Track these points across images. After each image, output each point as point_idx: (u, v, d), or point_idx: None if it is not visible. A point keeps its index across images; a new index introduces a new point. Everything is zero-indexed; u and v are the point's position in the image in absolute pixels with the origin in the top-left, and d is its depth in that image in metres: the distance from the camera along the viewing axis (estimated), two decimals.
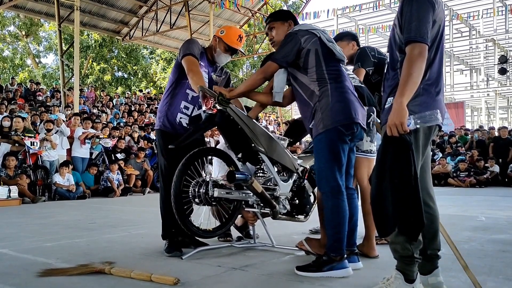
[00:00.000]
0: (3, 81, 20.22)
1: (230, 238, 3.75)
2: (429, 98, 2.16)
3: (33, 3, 16.62)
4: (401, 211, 2.05)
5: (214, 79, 3.54)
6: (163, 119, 3.44)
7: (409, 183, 2.02)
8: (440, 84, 2.23)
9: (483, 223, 4.88)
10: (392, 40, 2.28)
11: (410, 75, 2.04)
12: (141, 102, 18.03)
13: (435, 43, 2.19)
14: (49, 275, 2.69)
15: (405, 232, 2.10)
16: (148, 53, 31.09)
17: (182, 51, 3.32)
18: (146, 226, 4.89)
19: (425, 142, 2.18)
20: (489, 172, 12.29)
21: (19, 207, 7.45)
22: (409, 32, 2.10)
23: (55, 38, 26.64)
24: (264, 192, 3.01)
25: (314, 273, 2.64)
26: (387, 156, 2.08)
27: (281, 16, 3.07)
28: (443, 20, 2.25)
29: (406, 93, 2.04)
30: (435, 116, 2.15)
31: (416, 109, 2.12)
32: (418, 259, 2.17)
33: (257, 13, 20.27)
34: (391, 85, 2.23)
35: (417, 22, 2.09)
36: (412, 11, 2.12)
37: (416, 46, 2.07)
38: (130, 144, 11.70)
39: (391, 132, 2.04)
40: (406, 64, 2.07)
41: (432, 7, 2.13)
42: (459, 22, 26.12)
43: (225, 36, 3.44)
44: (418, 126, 2.13)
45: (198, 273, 2.72)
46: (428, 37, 2.09)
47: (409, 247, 2.13)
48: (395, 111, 2.03)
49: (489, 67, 31.46)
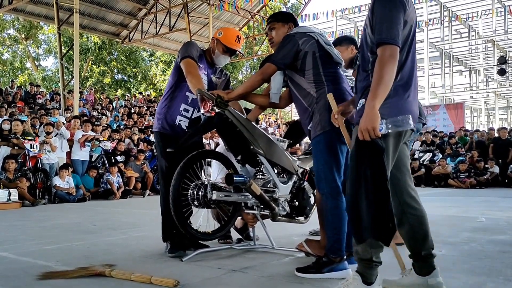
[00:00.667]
0: (2, 84, 20.21)
1: (230, 240, 3.75)
2: (400, 100, 2.13)
3: (32, 6, 16.64)
4: (375, 216, 2.04)
5: (213, 81, 3.54)
6: (162, 121, 3.43)
7: (383, 187, 2.01)
8: (412, 86, 2.19)
9: (483, 224, 4.88)
10: (363, 41, 2.25)
11: (382, 78, 2.01)
12: (140, 104, 18.05)
13: (407, 44, 2.17)
14: (49, 278, 2.69)
15: (379, 237, 2.07)
16: (147, 55, 31.13)
17: (181, 53, 3.32)
18: (146, 229, 4.89)
19: (395, 147, 2.16)
20: (489, 173, 12.29)
21: (19, 210, 7.44)
22: (380, 34, 2.07)
23: (54, 41, 26.65)
24: (263, 194, 3.01)
25: (314, 275, 2.64)
26: (360, 161, 2.07)
27: (282, 18, 3.08)
28: (415, 21, 2.23)
29: (378, 96, 2.00)
30: (407, 121, 2.12)
31: (388, 112, 2.08)
32: (378, 263, 2.15)
33: (256, 15, 20.30)
34: (363, 86, 2.20)
35: (388, 23, 2.06)
36: (383, 11, 2.08)
37: (388, 48, 2.04)
38: (130, 146, 11.70)
39: (363, 136, 2.02)
40: (378, 67, 2.04)
41: (403, 8, 2.10)
42: (458, 23, 26.16)
43: (223, 38, 3.43)
44: (390, 131, 2.09)
45: (198, 275, 2.72)
46: (399, 38, 2.07)
47: (368, 250, 2.11)
48: (367, 116, 2.00)
49: (489, 68, 31.51)
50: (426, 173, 12.95)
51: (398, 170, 2.24)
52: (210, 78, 3.52)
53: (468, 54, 31.36)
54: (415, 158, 13.29)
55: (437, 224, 4.87)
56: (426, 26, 23.65)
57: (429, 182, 12.75)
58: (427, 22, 23.35)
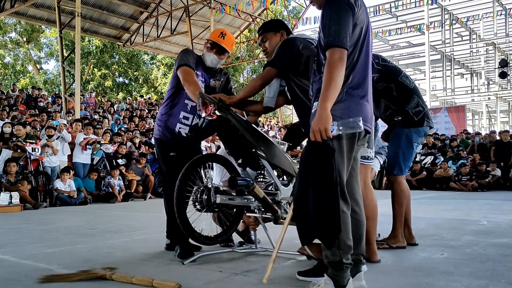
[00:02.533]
0: (4, 87, 20.27)
1: (231, 243, 3.75)
2: (352, 102, 2.15)
3: (34, 10, 16.72)
4: (320, 217, 2.05)
5: (212, 85, 3.56)
6: (162, 128, 3.49)
7: (330, 189, 2.02)
8: (365, 88, 2.21)
9: (485, 227, 4.86)
10: (318, 44, 2.27)
11: (332, 80, 2.03)
12: (142, 107, 18.07)
13: (358, 46, 2.18)
14: (50, 281, 2.69)
15: (322, 238, 2.08)
16: (149, 58, 31.22)
17: (177, 62, 3.38)
18: (147, 232, 4.89)
19: (350, 148, 2.17)
20: (491, 175, 12.28)
21: (21, 213, 7.44)
22: (328, 37, 2.09)
23: (56, 44, 26.73)
24: (266, 197, 3.01)
25: (316, 278, 2.64)
26: (310, 161, 2.08)
27: (273, 27, 3.13)
28: (367, 23, 2.24)
29: (329, 98, 2.03)
30: (357, 123, 2.13)
31: (339, 114, 2.11)
32: (348, 265, 2.14)
33: (258, 18, 20.34)
34: (317, 89, 2.21)
35: (336, 26, 2.08)
36: (331, 15, 2.11)
37: (336, 51, 2.06)
38: (131, 149, 11.71)
39: (314, 137, 2.03)
40: (327, 69, 2.06)
41: (351, 10, 2.12)
42: (459, 26, 26.17)
43: (210, 36, 3.57)
44: (341, 132, 2.11)
45: (200, 279, 2.71)
46: (347, 41, 2.08)
47: (337, 253, 2.10)
48: (319, 117, 2.02)
49: (490, 71, 31.51)
50: (428, 176, 12.94)
51: (348, 173, 2.25)
52: (208, 83, 3.54)
53: (469, 57, 31.35)
54: (417, 161, 13.28)
55: (439, 227, 4.86)
56: (427, 29, 23.63)
57: (431, 185, 12.74)
58: (428, 25, 23.34)
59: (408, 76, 3.78)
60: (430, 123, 3.73)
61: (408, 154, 3.70)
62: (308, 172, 2.08)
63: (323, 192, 2.04)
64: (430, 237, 4.17)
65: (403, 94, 3.65)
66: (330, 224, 2.04)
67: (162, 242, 3.76)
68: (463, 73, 33.51)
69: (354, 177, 2.31)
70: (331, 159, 2.03)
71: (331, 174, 2.03)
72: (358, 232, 2.28)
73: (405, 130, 3.67)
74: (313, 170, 2.06)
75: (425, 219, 5.60)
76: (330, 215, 2.04)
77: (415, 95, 3.68)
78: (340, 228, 2.05)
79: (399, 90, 3.64)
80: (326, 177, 2.03)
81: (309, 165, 2.09)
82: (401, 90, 3.64)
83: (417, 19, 26.40)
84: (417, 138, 3.70)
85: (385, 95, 3.66)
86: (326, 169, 2.03)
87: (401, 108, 3.64)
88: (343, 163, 2.14)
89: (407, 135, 3.67)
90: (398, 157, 3.68)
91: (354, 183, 2.31)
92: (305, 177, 2.10)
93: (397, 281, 2.66)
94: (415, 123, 3.65)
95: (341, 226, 2.05)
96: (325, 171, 2.03)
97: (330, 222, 2.04)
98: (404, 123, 3.66)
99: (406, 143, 3.67)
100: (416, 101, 3.66)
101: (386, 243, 3.65)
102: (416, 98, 3.67)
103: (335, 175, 2.03)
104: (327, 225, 2.05)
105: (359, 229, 2.29)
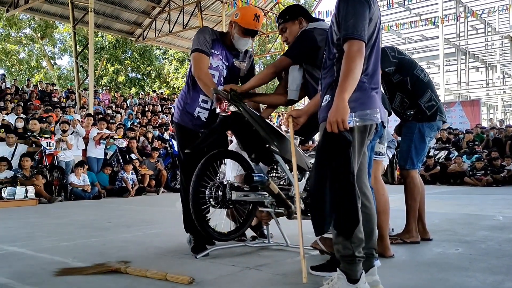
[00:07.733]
0: (19, 82, 20.50)
1: (244, 237, 3.75)
2: (364, 94, 2.14)
3: (48, 6, 16.83)
4: (337, 208, 2.06)
5: (237, 66, 3.39)
6: (181, 113, 3.41)
7: (347, 180, 2.03)
8: (375, 81, 2.22)
9: (500, 222, 4.81)
10: (329, 39, 2.28)
11: (350, 71, 2.03)
12: (154, 102, 18.13)
13: (371, 41, 2.19)
14: (65, 274, 2.72)
15: (339, 229, 2.09)
16: (161, 53, 31.29)
17: (192, 45, 3.26)
18: (160, 226, 4.92)
19: (361, 140, 2.16)
20: (506, 170, 12.11)
21: (36, 207, 7.55)
22: (346, 29, 2.09)
23: (69, 40, 26.95)
24: (281, 193, 3.00)
25: (329, 273, 2.63)
26: (327, 153, 2.08)
27: (290, 15, 3.00)
28: (379, 18, 2.25)
29: (347, 89, 2.03)
30: (374, 115, 2.14)
31: (356, 106, 2.11)
32: (361, 258, 2.13)
33: (270, 12, 20.24)
34: (328, 83, 2.22)
35: (354, 19, 2.09)
36: (348, 8, 2.12)
37: (355, 43, 2.06)
38: (144, 144, 11.78)
39: (331, 128, 2.03)
40: (346, 61, 2.06)
41: (368, 5, 2.13)
42: (474, 18, 25.79)
43: (240, 19, 3.21)
44: (358, 124, 2.11)
45: (213, 273, 2.73)
46: (365, 34, 2.09)
47: (349, 246, 2.10)
48: (337, 108, 2.01)
49: (505, 64, 31.04)
50: (442, 170, 12.79)
51: (358, 166, 2.24)
52: (231, 63, 3.36)
53: (484, 50, 30.90)
54: (430, 156, 13.14)
55: (453, 223, 4.82)
56: (441, 22, 23.31)
57: (445, 180, 12.60)
58: (443, 18, 23.02)
59: (423, 70, 3.74)
60: (443, 118, 3.69)
61: (420, 148, 3.67)
62: (325, 163, 2.08)
63: (341, 183, 2.04)
64: (445, 232, 4.13)
65: (417, 88, 3.61)
66: (348, 214, 2.06)
67: (174, 236, 3.78)
68: (478, 67, 33.05)
69: (363, 170, 2.31)
70: (348, 150, 2.03)
71: (348, 165, 2.03)
72: (368, 225, 2.27)
73: (417, 124, 3.64)
74: (330, 161, 2.06)
75: (439, 214, 5.56)
76: (348, 206, 2.05)
77: (429, 89, 3.65)
78: (359, 219, 2.06)
79: (414, 83, 3.61)
80: (344, 168, 2.03)
81: (325, 156, 2.09)
82: (415, 84, 3.61)
83: (431, 12, 26.08)
84: (430, 133, 3.67)
85: (400, 88, 3.63)
86: (343, 160, 2.03)
87: (414, 101, 3.61)
88: (354, 155, 2.14)
89: (420, 129, 3.64)
90: (411, 151, 3.65)
91: (363, 176, 2.32)
92: (322, 168, 2.10)
93: (411, 276, 2.65)
94: (428, 117, 3.61)
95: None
96: (342, 162, 2.03)
97: (348, 213, 2.06)
98: (417, 117, 3.63)
99: (419, 137, 3.65)
100: (429, 95, 3.63)
101: (400, 238, 3.63)
102: (429, 92, 3.64)
103: (351, 166, 2.03)
104: (345, 216, 2.06)
105: (370, 222, 2.29)
